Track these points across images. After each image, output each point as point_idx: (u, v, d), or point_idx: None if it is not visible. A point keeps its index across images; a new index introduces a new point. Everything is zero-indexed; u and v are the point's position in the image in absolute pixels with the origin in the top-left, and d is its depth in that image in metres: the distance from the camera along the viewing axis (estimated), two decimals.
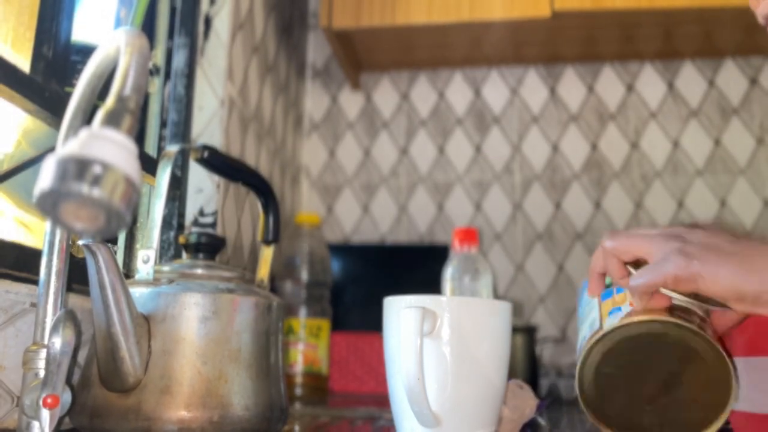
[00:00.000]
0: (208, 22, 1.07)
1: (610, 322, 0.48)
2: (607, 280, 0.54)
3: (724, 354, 0.45)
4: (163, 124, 0.99)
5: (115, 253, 0.88)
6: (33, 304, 0.59)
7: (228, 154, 0.74)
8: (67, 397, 0.49)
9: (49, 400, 0.47)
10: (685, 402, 0.47)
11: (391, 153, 1.51)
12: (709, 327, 0.48)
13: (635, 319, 0.47)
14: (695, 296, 0.46)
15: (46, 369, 0.47)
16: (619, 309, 0.49)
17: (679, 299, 0.47)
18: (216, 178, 1.00)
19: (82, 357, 0.64)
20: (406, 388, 0.48)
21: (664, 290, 0.46)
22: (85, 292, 0.67)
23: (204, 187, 1.01)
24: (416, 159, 1.50)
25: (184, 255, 0.63)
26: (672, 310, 0.47)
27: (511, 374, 0.55)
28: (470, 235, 0.95)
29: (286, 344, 1.06)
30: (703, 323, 0.47)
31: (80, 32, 0.79)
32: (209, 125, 1.03)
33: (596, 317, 0.51)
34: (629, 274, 0.49)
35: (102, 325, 0.49)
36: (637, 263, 0.49)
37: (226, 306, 0.55)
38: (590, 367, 0.48)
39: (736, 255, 0.44)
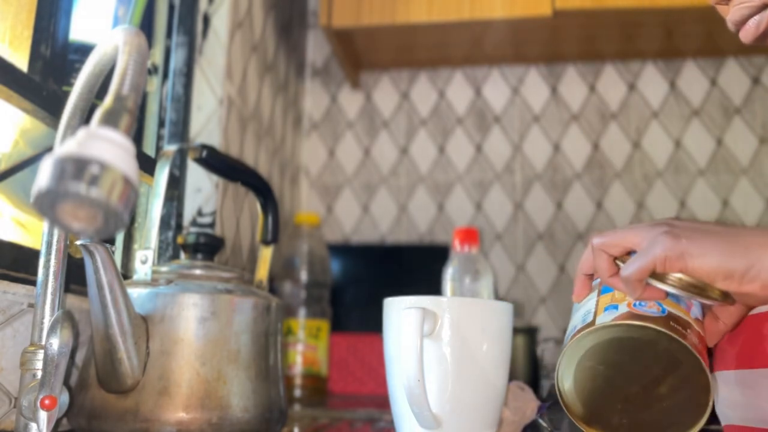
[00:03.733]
0: (206, 20, 1.06)
1: (603, 319, 0.48)
2: (595, 282, 0.54)
3: (708, 374, 0.45)
4: (161, 124, 0.99)
5: (113, 253, 0.87)
6: (30, 305, 0.59)
7: (227, 154, 0.74)
8: (64, 398, 0.48)
9: (46, 402, 0.46)
10: (658, 409, 0.47)
11: (391, 153, 1.51)
12: (700, 336, 0.48)
13: (631, 322, 0.46)
14: (689, 288, 0.46)
15: (44, 370, 0.47)
16: (616, 307, 0.48)
17: (672, 291, 0.46)
18: (215, 177, 1.00)
19: (79, 358, 0.64)
20: (406, 389, 0.47)
21: (655, 283, 0.46)
22: (83, 292, 0.66)
23: (202, 187, 1.00)
24: (416, 159, 1.50)
25: (183, 255, 0.63)
26: (667, 318, 0.47)
27: (512, 375, 0.55)
28: (471, 236, 0.95)
29: (285, 345, 1.06)
30: (694, 333, 0.47)
31: (78, 31, 0.79)
32: (208, 125, 1.03)
33: (591, 309, 0.50)
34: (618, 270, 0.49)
35: (100, 326, 0.48)
36: (626, 258, 0.49)
37: (224, 307, 0.55)
38: (573, 358, 0.48)
39: (722, 234, 0.45)
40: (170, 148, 0.58)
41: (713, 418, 0.56)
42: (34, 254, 0.64)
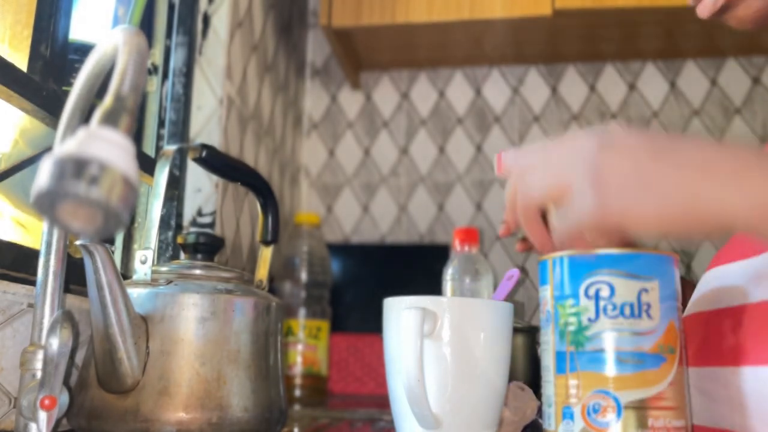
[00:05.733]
0: (206, 20, 1.06)
1: None
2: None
3: None
4: (161, 124, 0.99)
5: (113, 253, 0.87)
6: (30, 305, 0.59)
7: (227, 154, 0.74)
8: (64, 398, 0.48)
9: (46, 402, 0.46)
10: None
11: (391, 153, 1.51)
12: None
13: None
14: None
15: (44, 370, 0.47)
16: (571, 416, 0.43)
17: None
18: (214, 177, 1.00)
19: (79, 358, 0.64)
20: (406, 389, 0.47)
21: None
22: (83, 292, 0.66)
23: (202, 187, 1.00)
24: (416, 159, 1.50)
25: (183, 255, 0.63)
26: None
27: (512, 376, 0.55)
28: (471, 235, 0.95)
29: (286, 345, 1.06)
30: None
31: (78, 31, 0.79)
32: (208, 124, 1.03)
33: (551, 398, 0.45)
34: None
35: (100, 326, 0.48)
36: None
37: (224, 307, 0.55)
38: None
39: (659, 180, 0.38)
40: (170, 148, 0.58)
41: None
42: (33, 254, 0.64)
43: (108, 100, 0.35)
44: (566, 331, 0.44)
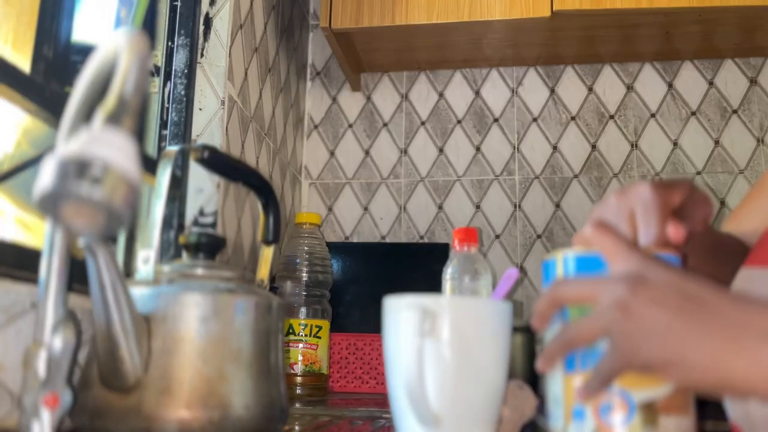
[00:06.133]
0: (208, 22, 1.07)
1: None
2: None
3: None
4: (163, 125, 0.99)
5: (115, 253, 0.88)
6: (33, 304, 0.59)
7: (228, 154, 0.74)
8: (67, 396, 0.49)
9: (49, 401, 0.47)
10: None
11: (391, 153, 1.51)
12: None
13: None
14: None
15: (47, 369, 0.47)
16: (582, 415, 0.43)
17: None
18: (216, 178, 1.00)
19: (82, 357, 0.64)
20: (405, 387, 0.48)
21: None
22: (86, 291, 0.67)
23: (204, 187, 1.01)
24: (416, 159, 1.50)
25: (184, 255, 0.63)
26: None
27: (511, 374, 0.55)
28: (470, 235, 0.95)
29: (287, 344, 1.06)
30: None
31: (81, 32, 0.79)
32: (209, 125, 1.03)
33: (559, 398, 0.45)
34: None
35: (102, 325, 0.49)
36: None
37: (226, 306, 0.55)
38: None
39: (686, 338, 0.39)
40: (172, 149, 0.58)
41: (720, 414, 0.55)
42: (36, 254, 0.65)
43: (111, 101, 0.35)
44: None
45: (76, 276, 0.62)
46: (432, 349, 0.50)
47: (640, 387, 0.42)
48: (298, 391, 1.04)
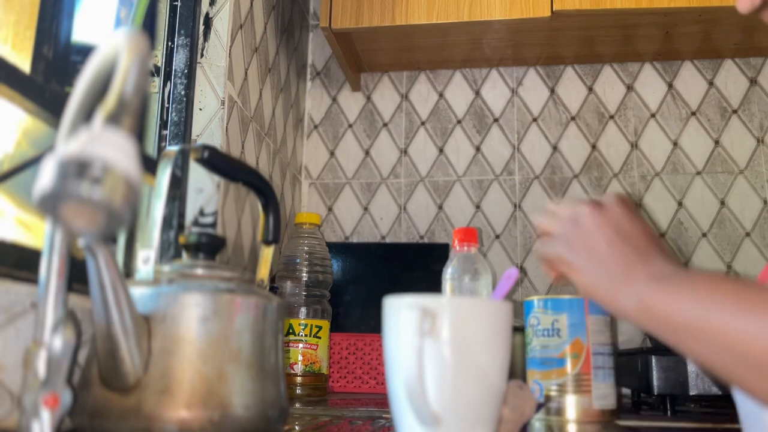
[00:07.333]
0: (208, 22, 1.07)
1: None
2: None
3: None
4: (163, 125, 1.00)
5: (115, 253, 0.88)
6: (33, 304, 0.59)
7: (228, 154, 0.74)
8: (67, 396, 0.49)
9: (49, 400, 0.47)
10: None
11: (391, 153, 1.52)
12: None
13: None
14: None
15: (47, 369, 0.47)
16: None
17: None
18: (216, 178, 1.00)
19: (82, 357, 0.64)
20: (405, 387, 0.48)
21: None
22: (86, 291, 0.67)
23: (204, 187, 1.01)
24: (416, 159, 1.50)
25: (184, 255, 0.63)
26: None
27: (511, 374, 0.55)
28: (470, 235, 0.95)
29: (287, 344, 1.06)
30: None
31: (81, 32, 0.79)
32: (209, 125, 1.03)
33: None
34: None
35: (102, 325, 0.49)
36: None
37: (226, 306, 0.55)
38: None
39: (601, 262, 0.52)
40: (172, 149, 0.59)
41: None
42: (36, 254, 0.65)
43: (111, 101, 0.35)
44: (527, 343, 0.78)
45: (76, 276, 0.62)
46: (432, 348, 0.50)
47: (547, 380, 0.74)
48: (298, 391, 1.04)
